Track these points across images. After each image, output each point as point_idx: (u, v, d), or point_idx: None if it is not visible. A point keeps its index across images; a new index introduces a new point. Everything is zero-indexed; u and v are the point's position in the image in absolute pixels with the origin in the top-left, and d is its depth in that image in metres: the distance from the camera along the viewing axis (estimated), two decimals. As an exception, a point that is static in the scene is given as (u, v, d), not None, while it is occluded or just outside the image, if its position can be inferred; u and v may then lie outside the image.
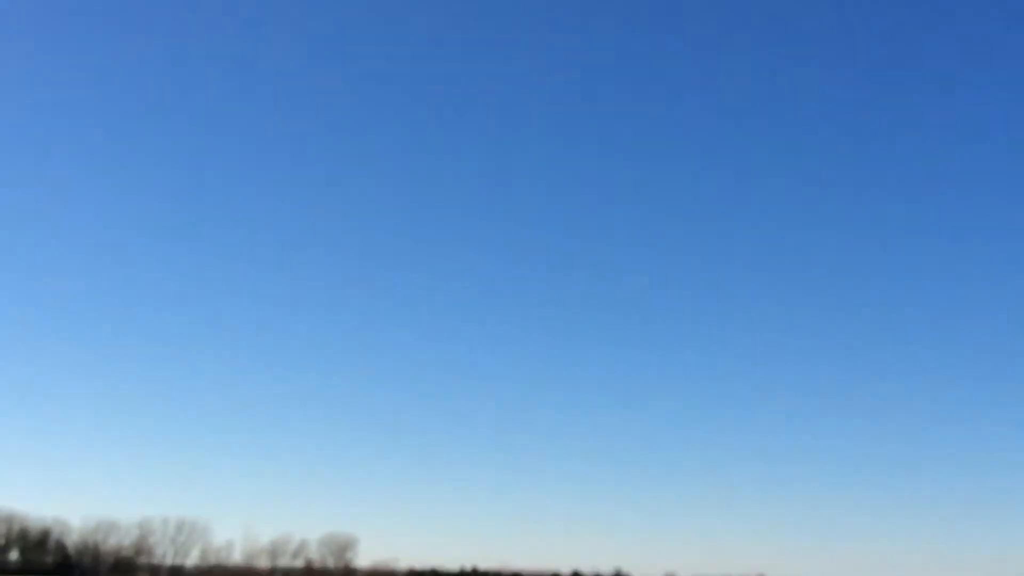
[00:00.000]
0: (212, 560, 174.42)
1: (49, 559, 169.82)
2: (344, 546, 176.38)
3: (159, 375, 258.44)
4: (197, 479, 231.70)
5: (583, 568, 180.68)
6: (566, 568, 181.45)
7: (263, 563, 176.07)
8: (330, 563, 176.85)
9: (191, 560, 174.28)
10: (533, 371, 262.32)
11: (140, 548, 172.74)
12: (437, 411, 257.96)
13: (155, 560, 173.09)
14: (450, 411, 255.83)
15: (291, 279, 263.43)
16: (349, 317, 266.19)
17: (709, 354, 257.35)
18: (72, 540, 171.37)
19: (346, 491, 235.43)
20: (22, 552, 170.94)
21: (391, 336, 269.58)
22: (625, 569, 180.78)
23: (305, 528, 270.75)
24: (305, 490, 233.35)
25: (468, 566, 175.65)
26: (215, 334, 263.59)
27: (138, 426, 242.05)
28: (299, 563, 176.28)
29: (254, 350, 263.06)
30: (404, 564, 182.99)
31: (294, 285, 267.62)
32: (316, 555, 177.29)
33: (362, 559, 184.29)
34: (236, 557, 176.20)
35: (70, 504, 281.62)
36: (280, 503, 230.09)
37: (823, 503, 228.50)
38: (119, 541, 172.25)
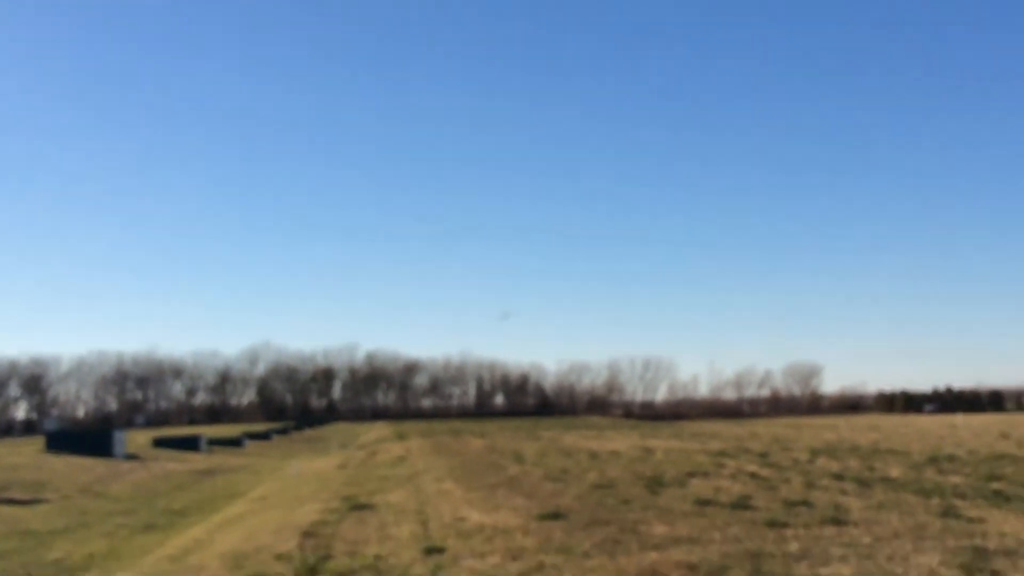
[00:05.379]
0: (679, 394, 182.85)
1: (530, 401, 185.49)
2: (809, 374, 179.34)
3: (611, 229, 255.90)
4: (662, 318, 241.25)
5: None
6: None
7: (729, 395, 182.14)
8: (795, 391, 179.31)
9: (659, 395, 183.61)
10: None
11: (611, 386, 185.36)
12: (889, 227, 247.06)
13: (625, 397, 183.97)
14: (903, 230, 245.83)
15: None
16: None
17: None
18: (549, 383, 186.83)
19: (810, 319, 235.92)
20: (506, 395, 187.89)
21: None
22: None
23: (769, 359, 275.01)
24: (768, 321, 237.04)
25: (941, 386, 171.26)
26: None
27: (596, 272, 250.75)
28: (764, 393, 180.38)
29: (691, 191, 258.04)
30: (872, 388, 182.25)
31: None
32: (781, 384, 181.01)
33: (828, 386, 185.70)
34: (702, 390, 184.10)
35: (546, 350, 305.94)
36: (744, 336, 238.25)
37: None
38: (591, 381, 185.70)
